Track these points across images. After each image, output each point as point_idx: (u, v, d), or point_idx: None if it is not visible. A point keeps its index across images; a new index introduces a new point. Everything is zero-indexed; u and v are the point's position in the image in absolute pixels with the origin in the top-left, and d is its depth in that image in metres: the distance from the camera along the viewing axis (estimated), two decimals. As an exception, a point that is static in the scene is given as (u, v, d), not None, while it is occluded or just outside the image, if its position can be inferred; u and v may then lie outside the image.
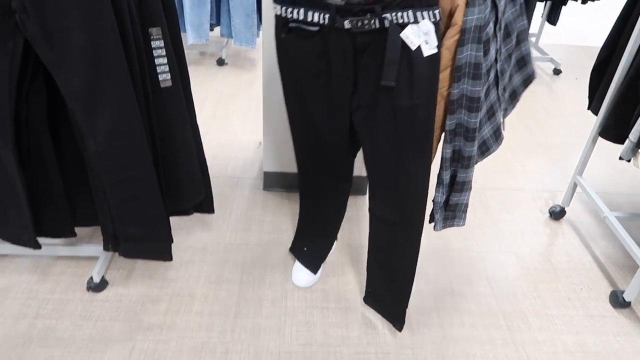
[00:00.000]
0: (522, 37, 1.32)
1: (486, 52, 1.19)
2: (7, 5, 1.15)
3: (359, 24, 1.10)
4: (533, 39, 3.83)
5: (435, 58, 1.13)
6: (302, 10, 1.15)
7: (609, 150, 1.89)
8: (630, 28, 1.77)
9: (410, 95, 1.15)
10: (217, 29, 3.22)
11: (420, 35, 1.10)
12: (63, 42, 1.17)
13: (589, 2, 3.32)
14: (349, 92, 1.24)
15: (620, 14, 1.88)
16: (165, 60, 1.35)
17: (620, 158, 1.75)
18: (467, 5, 1.10)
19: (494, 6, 1.17)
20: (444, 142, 1.27)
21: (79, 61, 1.19)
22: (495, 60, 1.26)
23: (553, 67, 3.58)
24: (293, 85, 1.32)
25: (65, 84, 1.23)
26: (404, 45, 1.10)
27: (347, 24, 1.11)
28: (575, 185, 2.01)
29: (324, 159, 1.48)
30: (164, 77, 1.37)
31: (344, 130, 1.34)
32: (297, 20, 1.17)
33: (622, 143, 1.79)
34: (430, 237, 1.90)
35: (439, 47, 1.12)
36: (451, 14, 1.13)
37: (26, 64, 1.25)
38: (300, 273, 1.69)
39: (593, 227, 2.05)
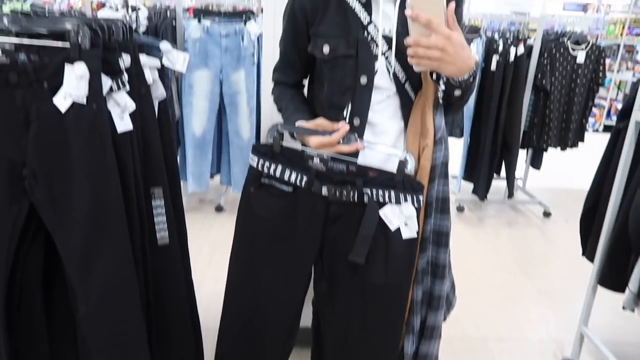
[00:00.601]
0: None
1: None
2: (19, 172, 1.20)
3: (337, 193, 1.05)
4: (520, 183, 3.99)
5: (414, 240, 1.08)
6: (279, 167, 1.10)
7: (611, 296, 1.85)
8: (612, 175, 1.83)
9: (384, 274, 1.08)
10: (217, 177, 3.36)
11: (400, 216, 1.05)
12: (67, 206, 1.19)
13: (567, 149, 3.54)
14: (310, 262, 1.16)
15: (601, 162, 1.97)
16: (164, 219, 1.37)
17: (624, 308, 1.72)
18: (435, 144, 1.09)
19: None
20: (414, 283, 1.17)
21: (80, 224, 1.20)
22: None
23: (542, 210, 3.67)
24: (247, 244, 1.20)
25: (63, 244, 1.22)
26: (381, 222, 1.05)
27: (324, 191, 1.07)
28: (582, 336, 1.94)
29: (257, 338, 1.27)
30: (162, 234, 1.37)
31: (290, 305, 1.21)
32: (271, 177, 1.12)
33: (623, 291, 1.77)
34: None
35: (418, 232, 1.07)
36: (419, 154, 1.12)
37: (28, 226, 1.27)
38: None
39: (607, 381, 1.93)
